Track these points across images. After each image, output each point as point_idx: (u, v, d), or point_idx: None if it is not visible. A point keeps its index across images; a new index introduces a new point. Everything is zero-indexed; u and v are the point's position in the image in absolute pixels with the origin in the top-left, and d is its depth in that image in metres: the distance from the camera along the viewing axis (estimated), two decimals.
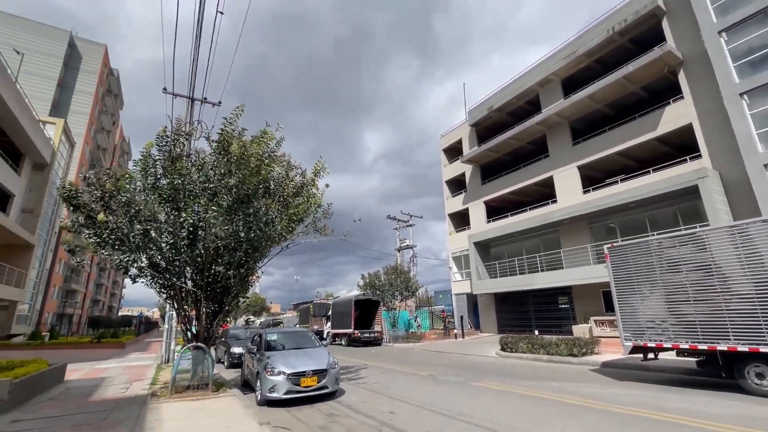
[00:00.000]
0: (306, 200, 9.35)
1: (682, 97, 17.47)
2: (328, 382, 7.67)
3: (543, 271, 21.88)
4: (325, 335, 25.62)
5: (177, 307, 9.00)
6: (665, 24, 18.34)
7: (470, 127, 29.00)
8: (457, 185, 31.07)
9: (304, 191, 9.48)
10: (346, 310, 22.55)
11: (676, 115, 17.35)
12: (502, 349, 14.30)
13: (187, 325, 9.07)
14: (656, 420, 5.59)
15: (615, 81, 18.83)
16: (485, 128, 28.36)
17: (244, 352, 10.14)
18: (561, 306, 22.12)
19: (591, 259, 19.54)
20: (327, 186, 10.02)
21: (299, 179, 9.57)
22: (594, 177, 21.62)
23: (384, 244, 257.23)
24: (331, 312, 25.88)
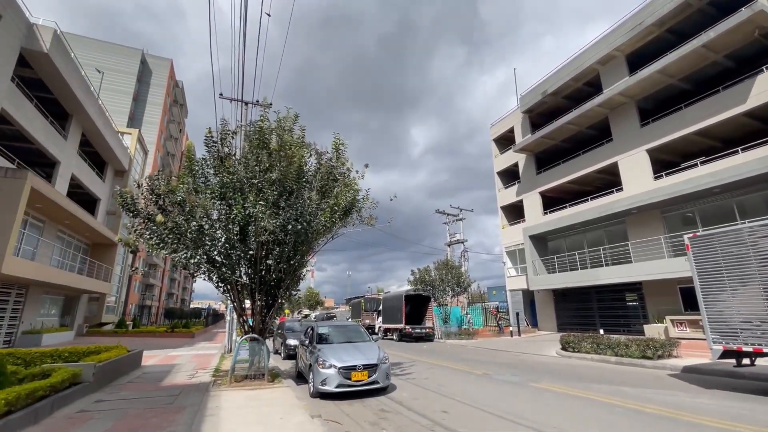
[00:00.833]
0: (344, 187, 9.36)
1: None
2: (379, 377, 7.58)
3: (608, 265, 20.18)
4: (376, 330, 25.81)
5: (233, 300, 9.44)
6: None
7: (522, 114, 27.49)
8: (509, 176, 29.68)
9: (339, 177, 9.58)
10: (397, 305, 22.49)
11: None
12: (563, 348, 13.41)
13: (244, 317, 9.49)
14: None
15: (693, 51, 16.65)
16: (539, 114, 26.70)
17: (298, 345, 10.40)
18: (629, 303, 20.31)
19: (665, 252, 17.59)
20: (366, 166, 10.16)
21: (329, 164, 9.70)
22: (666, 161, 19.45)
23: (434, 240, 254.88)
24: (382, 307, 25.97)
